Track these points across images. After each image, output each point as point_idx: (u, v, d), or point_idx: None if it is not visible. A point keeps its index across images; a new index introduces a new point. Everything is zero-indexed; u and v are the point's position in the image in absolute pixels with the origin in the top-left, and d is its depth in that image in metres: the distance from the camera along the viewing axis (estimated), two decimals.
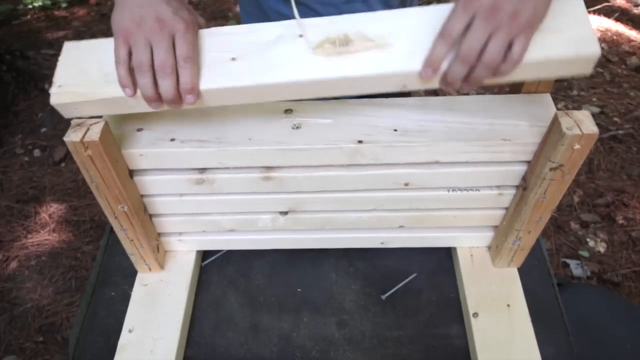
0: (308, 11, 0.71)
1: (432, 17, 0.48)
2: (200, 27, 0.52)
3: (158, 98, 0.50)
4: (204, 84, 0.50)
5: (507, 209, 0.66)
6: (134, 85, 0.49)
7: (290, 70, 0.49)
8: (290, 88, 0.51)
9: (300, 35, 0.50)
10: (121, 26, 0.48)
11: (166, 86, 0.48)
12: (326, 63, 0.49)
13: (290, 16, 0.73)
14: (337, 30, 0.50)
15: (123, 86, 0.50)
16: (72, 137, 0.50)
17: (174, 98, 0.49)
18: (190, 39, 0.49)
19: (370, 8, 0.71)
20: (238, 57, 0.50)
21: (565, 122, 0.50)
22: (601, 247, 1.52)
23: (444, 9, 0.48)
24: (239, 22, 0.85)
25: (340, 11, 0.71)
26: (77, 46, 0.53)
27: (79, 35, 2.46)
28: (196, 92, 0.50)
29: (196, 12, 0.53)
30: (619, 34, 2.36)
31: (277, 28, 0.51)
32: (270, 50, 0.50)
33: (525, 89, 0.60)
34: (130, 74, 0.49)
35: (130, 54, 0.48)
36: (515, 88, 0.62)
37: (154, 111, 0.53)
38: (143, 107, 0.52)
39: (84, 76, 0.52)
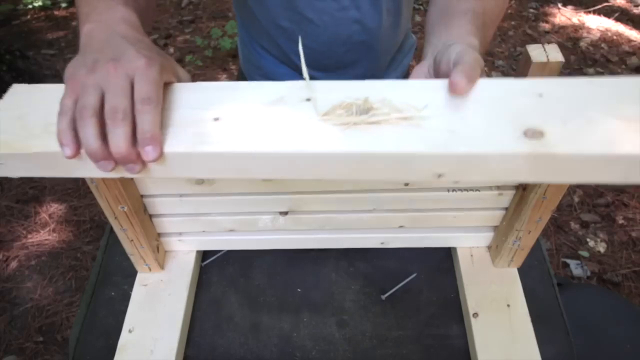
0: (302, 19, 0.71)
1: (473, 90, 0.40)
2: (181, 80, 0.43)
3: (107, 155, 0.37)
4: (170, 146, 0.38)
5: (507, 209, 0.66)
6: (77, 142, 0.37)
7: (286, 138, 0.38)
8: (281, 161, 0.38)
9: (308, 99, 0.40)
10: (70, 73, 0.38)
11: (117, 137, 0.36)
12: (337, 134, 0.37)
13: (288, 28, 0.74)
14: (354, 94, 0.40)
15: (62, 144, 0.37)
16: None
17: (127, 153, 0.36)
18: (152, 76, 0.38)
19: (362, 15, 0.70)
20: (222, 117, 0.39)
21: None
22: (601, 247, 1.52)
23: (485, 82, 0.40)
24: None
25: (333, 18, 0.70)
26: (27, 90, 0.44)
27: (79, 36, 2.46)
28: (158, 142, 0.37)
29: (178, 64, 0.44)
30: (619, 34, 2.35)
31: (277, 87, 0.41)
32: (264, 113, 0.40)
33: None
34: (73, 128, 0.37)
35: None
36: None
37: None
38: (89, 170, 0.39)
39: (20, 124, 0.41)
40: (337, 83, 0.41)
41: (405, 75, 0.89)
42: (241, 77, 0.91)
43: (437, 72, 0.44)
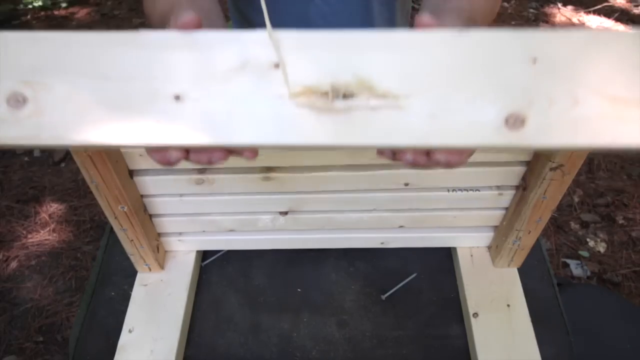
0: (297, 23, 0.70)
1: (452, 50, 0.35)
2: None
3: None
4: (143, 137, 0.33)
5: (507, 209, 0.66)
6: None
7: (252, 127, 0.34)
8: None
9: (276, 66, 0.35)
10: None
11: None
12: (309, 119, 0.34)
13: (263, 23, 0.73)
14: (330, 67, 0.35)
15: None
16: None
17: None
18: None
19: (355, 19, 0.70)
20: (183, 95, 0.34)
21: None
22: (601, 247, 1.52)
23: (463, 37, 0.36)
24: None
25: (327, 22, 0.69)
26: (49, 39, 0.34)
27: None
28: None
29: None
30: None
31: (241, 46, 0.35)
32: (228, 86, 0.34)
33: None
34: None
35: None
36: None
37: None
38: None
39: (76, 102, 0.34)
40: (308, 41, 0.35)
41: None
42: None
43: None
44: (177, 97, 0.34)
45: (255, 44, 0.35)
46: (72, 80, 0.34)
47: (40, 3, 2.66)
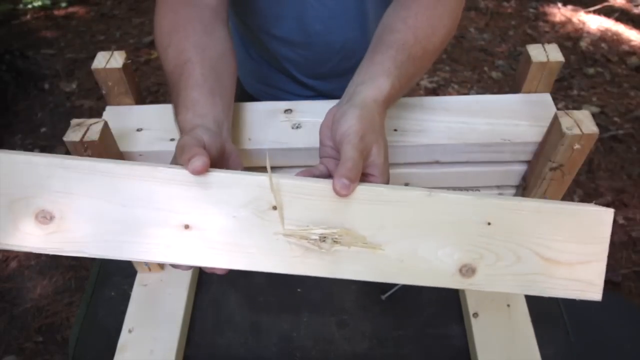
0: (294, 28, 0.70)
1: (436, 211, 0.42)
2: (226, 154, 0.46)
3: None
4: (157, 255, 0.42)
5: None
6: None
7: (250, 256, 0.42)
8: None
9: (274, 208, 0.41)
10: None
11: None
12: (300, 257, 0.42)
13: (280, 37, 0.73)
14: (320, 214, 0.42)
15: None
16: (71, 137, 0.50)
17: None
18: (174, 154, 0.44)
19: (352, 22, 0.69)
20: (192, 226, 0.41)
21: (565, 122, 0.50)
22: None
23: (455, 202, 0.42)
24: None
25: (326, 26, 0.69)
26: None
27: (79, 36, 2.46)
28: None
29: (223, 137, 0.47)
30: (619, 34, 2.35)
31: (246, 191, 0.42)
32: (232, 222, 0.41)
33: (525, 88, 0.60)
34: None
35: None
36: (515, 88, 0.62)
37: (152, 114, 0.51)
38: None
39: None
40: (304, 189, 0.41)
41: None
42: (237, 82, 0.90)
43: (333, 135, 0.45)
44: (187, 227, 0.41)
45: (258, 187, 0.41)
46: (93, 204, 0.40)
47: (39, 3, 2.65)
